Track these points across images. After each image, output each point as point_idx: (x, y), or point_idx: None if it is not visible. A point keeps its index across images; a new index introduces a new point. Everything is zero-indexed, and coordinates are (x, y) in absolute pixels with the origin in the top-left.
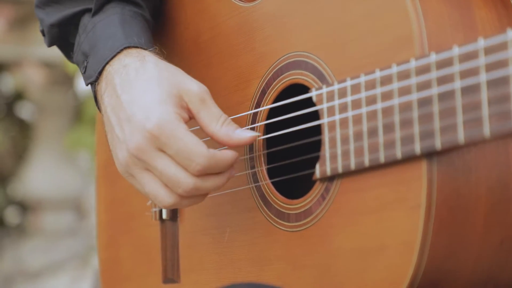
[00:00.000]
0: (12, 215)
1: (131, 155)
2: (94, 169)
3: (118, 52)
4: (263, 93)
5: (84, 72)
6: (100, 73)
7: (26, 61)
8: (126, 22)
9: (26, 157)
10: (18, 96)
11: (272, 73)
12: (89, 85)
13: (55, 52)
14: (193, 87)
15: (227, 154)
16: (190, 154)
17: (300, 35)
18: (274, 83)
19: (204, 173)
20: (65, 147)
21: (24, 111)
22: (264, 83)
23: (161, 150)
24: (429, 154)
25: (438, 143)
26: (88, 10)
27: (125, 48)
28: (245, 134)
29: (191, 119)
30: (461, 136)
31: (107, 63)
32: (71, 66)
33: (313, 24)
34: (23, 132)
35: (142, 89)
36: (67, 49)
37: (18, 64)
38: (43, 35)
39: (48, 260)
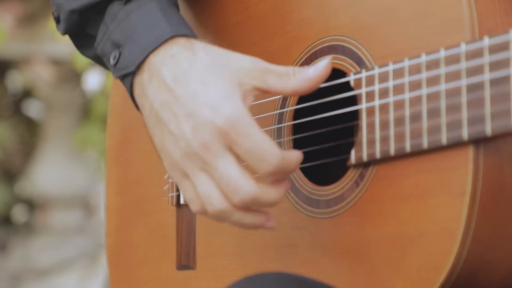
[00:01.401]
0: (20, 213)
1: (193, 152)
2: (102, 166)
3: (164, 42)
4: None
5: (116, 64)
6: (141, 63)
7: (34, 59)
8: (166, 10)
9: (34, 155)
10: (26, 93)
11: (305, 57)
12: (120, 78)
13: (63, 49)
14: (246, 64)
15: (295, 155)
16: (263, 153)
17: (338, 19)
18: None
19: (274, 176)
20: (74, 145)
21: (32, 108)
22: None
23: (229, 148)
24: (476, 141)
25: (488, 129)
26: None
27: (172, 37)
28: (320, 67)
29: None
30: None
31: (151, 52)
32: (80, 63)
33: (352, 7)
34: (31, 130)
35: (201, 82)
36: (81, 40)
37: (26, 62)
38: (57, 22)
39: (56, 258)
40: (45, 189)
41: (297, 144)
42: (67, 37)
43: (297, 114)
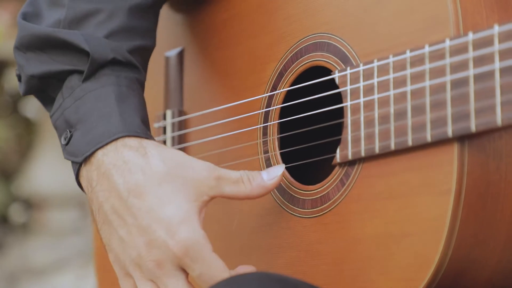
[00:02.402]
0: (17, 213)
1: (144, 265)
2: None
3: (113, 140)
4: (280, 76)
5: (66, 144)
6: (88, 157)
7: None
8: (123, 98)
9: (31, 154)
10: None
11: (290, 55)
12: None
13: None
14: (203, 174)
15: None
16: (213, 280)
17: (323, 16)
18: (292, 66)
19: None
20: None
21: (29, 108)
22: (282, 66)
23: (182, 269)
24: (461, 138)
25: (473, 125)
26: (77, 71)
27: (123, 137)
28: (275, 174)
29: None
30: (499, 118)
31: (99, 148)
32: None
33: (337, 4)
34: (28, 129)
35: (157, 197)
36: (45, 100)
37: None
38: (19, 80)
39: (53, 257)
40: (42, 189)
41: (283, 142)
42: None
43: (283, 112)
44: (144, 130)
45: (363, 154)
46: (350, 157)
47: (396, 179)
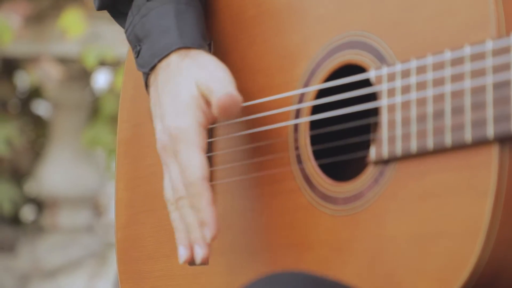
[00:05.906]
0: (28, 213)
1: (158, 150)
2: (111, 166)
3: (171, 52)
4: (312, 74)
5: (137, 57)
6: (153, 67)
7: (42, 58)
8: (181, 14)
9: (42, 154)
10: (34, 93)
11: (323, 54)
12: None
13: (71, 49)
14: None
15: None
16: (185, 172)
17: (358, 14)
18: (325, 63)
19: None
20: (82, 144)
21: (41, 108)
22: (314, 64)
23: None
24: (502, 139)
25: None
26: None
27: (178, 48)
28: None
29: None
30: None
31: (159, 60)
32: (89, 62)
33: (372, 3)
34: (39, 129)
35: (174, 90)
36: (116, 15)
37: (34, 61)
38: None
39: (65, 258)
40: (54, 189)
41: (314, 140)
42: (75, 36)
43: (315, 109)
44: (197, 41)
45: (399, 153)
46: (385, 156)
47: (433, 179)
